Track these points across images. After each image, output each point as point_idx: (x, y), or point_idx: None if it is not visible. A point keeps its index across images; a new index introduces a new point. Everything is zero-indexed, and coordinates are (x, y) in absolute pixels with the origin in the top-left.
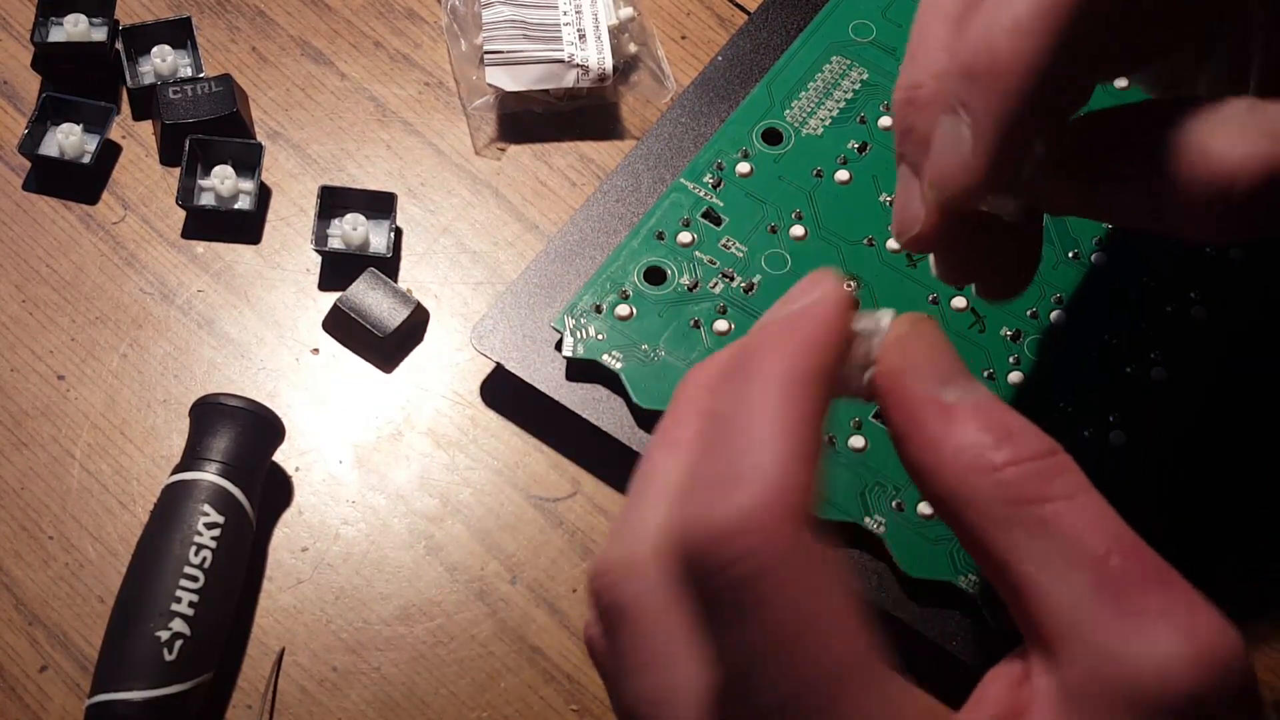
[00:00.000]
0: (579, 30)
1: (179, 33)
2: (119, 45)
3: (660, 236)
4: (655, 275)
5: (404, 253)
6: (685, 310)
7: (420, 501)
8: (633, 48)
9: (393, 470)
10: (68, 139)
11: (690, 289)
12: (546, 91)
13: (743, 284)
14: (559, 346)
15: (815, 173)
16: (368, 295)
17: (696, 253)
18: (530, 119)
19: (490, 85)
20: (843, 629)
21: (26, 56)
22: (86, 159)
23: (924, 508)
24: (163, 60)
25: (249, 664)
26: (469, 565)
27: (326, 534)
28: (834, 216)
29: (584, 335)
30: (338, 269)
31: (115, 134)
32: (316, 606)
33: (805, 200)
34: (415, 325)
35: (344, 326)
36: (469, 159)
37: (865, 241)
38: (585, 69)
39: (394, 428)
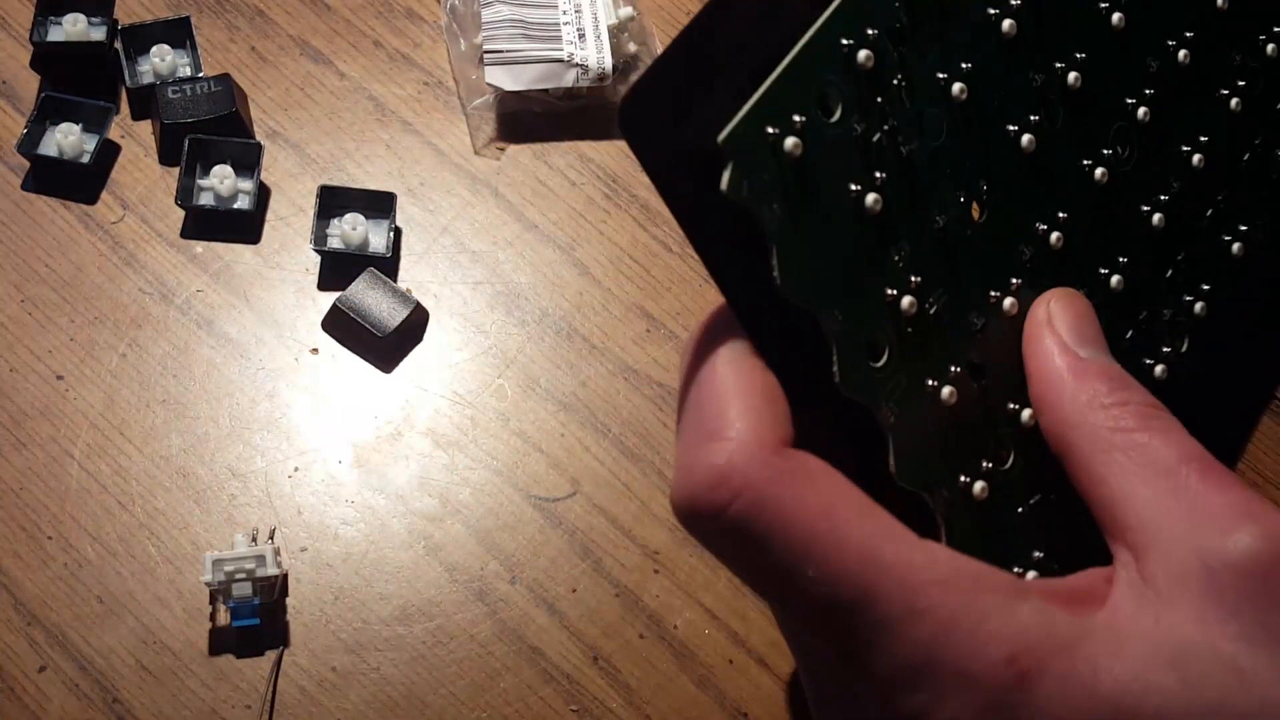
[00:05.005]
0: (578, 30)
1: (178, 32)
2: (118, 45)
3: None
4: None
5: (403, 252)
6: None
7: (419, 501)
8: (632, 47)
9: (392, 470)
10: (66, 139)
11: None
12: (546, 91)
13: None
14: (704, 165)
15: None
16: (367, 295)
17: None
18: (529, 118)
19: (489, 85)
20: (855, 517)
21: (25, 56)
22: (85, 159)
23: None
24: (162, 60)
25: (248, 664)
26: (468, 565)
27: (325, 534)
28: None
29: (753, 170)
30: (337, 269)
31: (114, 133)
32: (315, 607)
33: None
34: (415, 325)
35: (343, 326)
36: (468, 159)
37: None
38: (585, 68)
39: (393, 428)
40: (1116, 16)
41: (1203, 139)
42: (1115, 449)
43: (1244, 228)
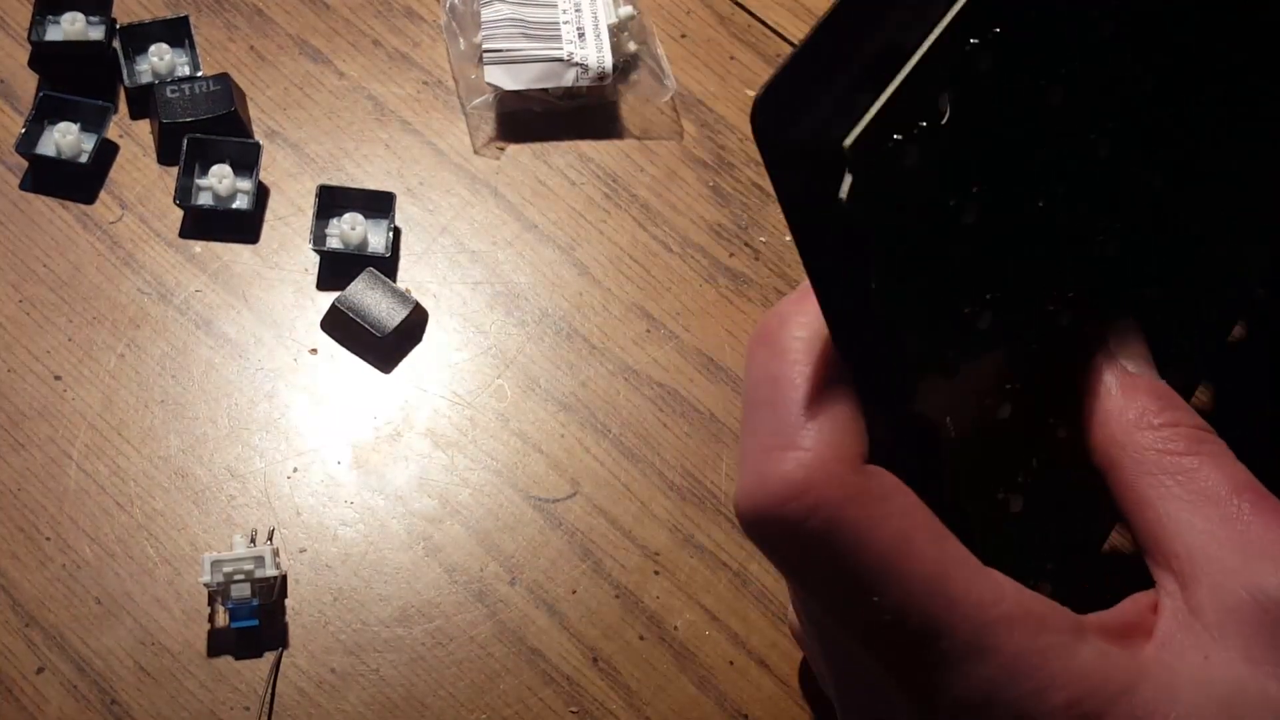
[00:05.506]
0: (578, 29)
1: (177, 31)
2: (116, 44)
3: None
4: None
5: (402, 252)
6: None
7: (419, 502)
8: (632, 46)
9: (391, 471)
10: (65, 138)
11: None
12: (545, 90)
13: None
14: (822, 163)
15: None
16: (366, 295)
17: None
18: (529, 118)
19: (489, 84)
20: (927, 544)
21: (23, 55)
22: (84, 158)
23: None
24: (160, 59)
25: (246, 666)
26: (468, 566)
27: (325, 535)
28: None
29: (873, 178)
30: (336, 269)
31: (112, 133)
32: (315, 608)
33: None
34: (414, 325)
35: (342, 326)
36: (468, 158)
37: None
38: (584, 68)
39: (393, 428)
40: (1197, 17)
41: (1244, 146)
42: (1163, 472)
43: (1264, 243)
